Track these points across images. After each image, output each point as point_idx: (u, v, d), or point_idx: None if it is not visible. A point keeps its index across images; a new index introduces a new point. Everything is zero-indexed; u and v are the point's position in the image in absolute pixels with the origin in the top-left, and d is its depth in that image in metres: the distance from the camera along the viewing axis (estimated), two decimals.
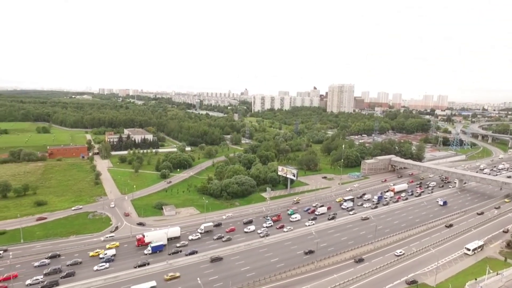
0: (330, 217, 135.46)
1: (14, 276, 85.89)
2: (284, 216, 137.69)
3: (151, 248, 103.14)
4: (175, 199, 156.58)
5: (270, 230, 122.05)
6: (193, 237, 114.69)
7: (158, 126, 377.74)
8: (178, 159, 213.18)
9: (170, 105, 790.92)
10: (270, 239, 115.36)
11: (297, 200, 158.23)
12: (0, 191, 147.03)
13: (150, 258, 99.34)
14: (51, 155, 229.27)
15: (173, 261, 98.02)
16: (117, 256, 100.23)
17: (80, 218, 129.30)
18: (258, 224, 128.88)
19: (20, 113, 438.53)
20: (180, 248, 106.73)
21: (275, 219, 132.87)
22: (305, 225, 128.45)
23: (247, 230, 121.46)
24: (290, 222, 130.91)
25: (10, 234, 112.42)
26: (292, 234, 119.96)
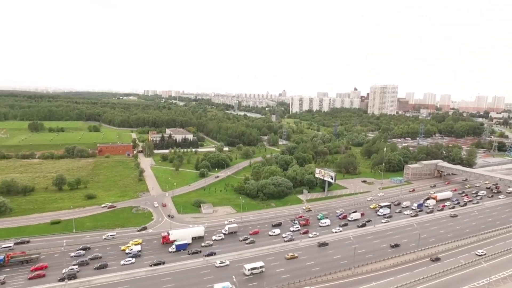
0: (360, 224, 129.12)
1: (44, 267, 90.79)
2: (314, 220, 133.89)
3: (176, 246, 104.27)
4: (212, 198, 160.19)
5: (295, 235, 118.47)
6: (217, 237, 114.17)
7: (198, 126, 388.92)
8: (216, 159, 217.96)
9: (210, 106, 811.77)
10: (293, 244, 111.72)
11: (307, 208, 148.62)
12: (57, 184, 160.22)
13: (172, 256, 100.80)
14: (100, 152, 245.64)
15: (191, 262, 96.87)
16: (142, 252, 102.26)
17: (125, 212, 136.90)
18: (287, 227, 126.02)
19: (74, 113, 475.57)
20: (204, 248, 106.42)
21: (303, 223, 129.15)
22: (331, 231, 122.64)
23: (272, 234, 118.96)
24: (319, 227, 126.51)
25: (64, 223, 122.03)
26: (317, 240, 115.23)
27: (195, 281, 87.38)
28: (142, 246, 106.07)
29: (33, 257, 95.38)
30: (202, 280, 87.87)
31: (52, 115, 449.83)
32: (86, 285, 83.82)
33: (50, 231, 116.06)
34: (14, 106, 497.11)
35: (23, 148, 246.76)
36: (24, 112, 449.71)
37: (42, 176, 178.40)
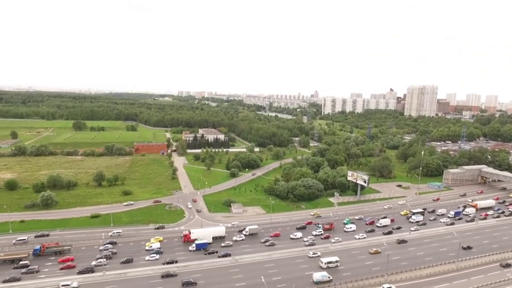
0: (386, 232, 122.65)
1: (70, 259, 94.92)
2: (339, 225, 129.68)
3: (196, 245, 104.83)
4: (242, 198, 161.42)
5: (317, 239, 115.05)
6: (238, 238, 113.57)
7: (229, 126, 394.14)
8: (247, 159, 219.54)
9: (241, 107, 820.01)
10: (311, 248, 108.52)
11: (315, 214, 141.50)
12: (97, 180, 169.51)
13: (192, 255, 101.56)
14: (137, 151, 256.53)
15: (201, 262, 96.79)
16: (162, 249, 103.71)
17: (158, 209, 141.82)
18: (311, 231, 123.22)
19: (114, 113, 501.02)
20: (223, 248, 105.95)
21: (327, 227, 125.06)
22: (354, 237, 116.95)
23: (293, 237, 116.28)
24: (343, 232, 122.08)
25: (103, 217, 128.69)
26: (339, 246, 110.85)
27: (218, 280, 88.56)
28: (164, 244, 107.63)
29: (65, 248, 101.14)
30: (230, 279, 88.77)
31: (94, 115, 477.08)
32: (116, 278, 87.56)
33: (90, 224, 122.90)
34: (61, 107, 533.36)
35: (67, 146, 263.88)
36: (69, 112, 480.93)
37: (84, 172, 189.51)
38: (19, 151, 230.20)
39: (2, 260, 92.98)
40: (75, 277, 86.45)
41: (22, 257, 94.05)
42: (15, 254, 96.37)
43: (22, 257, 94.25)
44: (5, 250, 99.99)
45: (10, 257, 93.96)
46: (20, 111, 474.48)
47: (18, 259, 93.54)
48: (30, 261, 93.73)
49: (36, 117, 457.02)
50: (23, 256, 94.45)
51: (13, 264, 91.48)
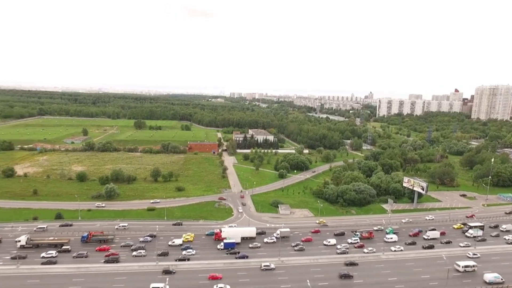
0: (426, 246, 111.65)
1: (107, 248, 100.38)
2: (380, 234, 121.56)
3: (224, 244, 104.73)
4: (290, 199, 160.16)
5: (350, 248, 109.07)
6: (268, 240, 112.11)
7: (279, 127, 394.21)
8: (295, 161, 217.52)
9: (291, 108, 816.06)
10: (344, 257, 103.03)
11: (321, 222, 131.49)
12: (153, 176, 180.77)
13: (217, 253, 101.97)
14: (190, 149, 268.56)
15: (215, 262, 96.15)
16: (194, 246, 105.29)
17: (208, 206, 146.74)
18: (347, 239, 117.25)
19: (170, 113, 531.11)
20: (250, 249, 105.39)
21: (365, 235, 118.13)
22: (390, 249, 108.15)
23: (327, 243, 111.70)
24: (383, 242, 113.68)
25: (158, 211, 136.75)
26: (371, 257, 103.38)
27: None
28: (195, 241, 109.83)
29: (109, 237, 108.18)
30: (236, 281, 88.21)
31: (153, 115, 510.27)
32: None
33: (146, 217, 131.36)
34: (124, 107, 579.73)
35: (129, 143, 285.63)
36: (132, 112, 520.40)
37: (142, 168, 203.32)
38: (88, 146, 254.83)
39: (47, 243, 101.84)
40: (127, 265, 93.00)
41: (64, 243, 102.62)
42: (59, 239, 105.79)
43: (64, 242, 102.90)
44: (59, 235, 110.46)
45: (54, 242, 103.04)
46: (90, 110, 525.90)
47: (60, 244, 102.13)
48: (71, 246, 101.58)
49: (104, 116, 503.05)
50: (65, 242, 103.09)
51: (56, 248, 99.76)
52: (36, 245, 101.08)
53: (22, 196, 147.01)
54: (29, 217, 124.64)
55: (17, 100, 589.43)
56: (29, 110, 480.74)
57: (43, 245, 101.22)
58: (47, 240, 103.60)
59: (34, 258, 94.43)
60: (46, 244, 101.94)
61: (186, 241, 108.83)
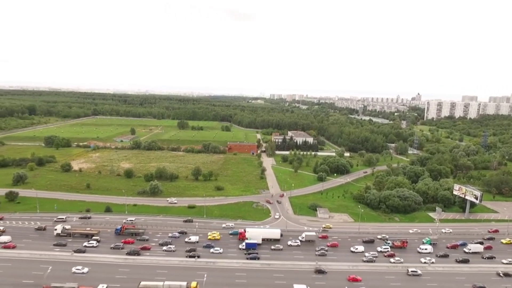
0: (460, 260, 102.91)
1: (131, 242, 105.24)
2: (415, 243, 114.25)
3: (245, 244, 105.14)
4: (329, 203, 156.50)
5: (380, 256, 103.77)
6: (292, 243, 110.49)
7: (319, 130, 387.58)
8: (335, 164, 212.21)
9: (332, 110, 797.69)
10: (368, 265, 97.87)
11: (327, 227, 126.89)
12: (194, 175, 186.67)
13: (236, 253, 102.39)
14: (230, 150, 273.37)
15: (216, 260, 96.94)
16: (220, 244, 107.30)
17: (246, 206, 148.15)
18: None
19: (211, 114, 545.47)
20: (272, 250, 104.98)
21: (397, 244, 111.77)
22: (419, 260, 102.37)
23: (354, 250, 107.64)
24: (415, 253, 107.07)
25: (198, 209, 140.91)
26: (400, 267, 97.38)
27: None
28: (221, 239, 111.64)
29: (140, 231, 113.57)
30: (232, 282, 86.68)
31: (195, 115, 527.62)
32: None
33: (187, 213, 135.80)
34: (169, 108, 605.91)
35: (172, 142, 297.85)
36: (175, 113, 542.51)
37: (184, 167, 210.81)
38: (136, 145, 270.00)
39: (79, 234, 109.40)
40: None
41: (94, 233, 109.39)
42: (90, 230, 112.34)
43: (94, 233, 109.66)
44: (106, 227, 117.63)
45: (85, 232, 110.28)
46: (138, 111, 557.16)
47: (91, 234, 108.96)
48: (100, 237, 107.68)
49: (150, 116, 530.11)
50: (95, 233, 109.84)
51: (88, 238, 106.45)
52: (69, 234, 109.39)
53: (76, 189, 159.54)
54: (83, 208, 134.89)
55: (75, 101, 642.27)
56: (84, 111, 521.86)
57: (76, 235, 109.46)
58: (79, 230, 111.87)
59: (71, 247, 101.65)
60: (78, 234, 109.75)
61: (213, 239, 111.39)
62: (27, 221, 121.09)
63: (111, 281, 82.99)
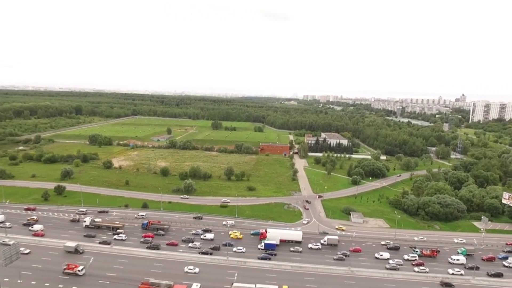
0: (492, 273, 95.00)
1: (151, 236, 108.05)
2: (447, 252, 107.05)
3: (264, 244, 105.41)
4: (363, 207, 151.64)
5: (406, 264, 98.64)
6: (313, 246, 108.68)
7: (353, 131, 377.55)
8: (371, 167, 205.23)
9: (368, 111, 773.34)
10: (388, 273, 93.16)
11: (340, 228, 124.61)
12: (227, 174, 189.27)
13: (257, 253, 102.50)
14: (262, 150, 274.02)
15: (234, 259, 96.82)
16: (241, 243, 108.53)
17: (278, 207, 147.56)
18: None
19: (244, 115, 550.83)
20: (291, 252, 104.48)
21: (427, 253, 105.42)
22: (447, 271, 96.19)
23: (378, 256, 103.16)
24: (446, 263, 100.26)
25: (230, 208, 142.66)
26: (424, 277, 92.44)
27: None
28: (243, 238, 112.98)
29: (165, 227, 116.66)
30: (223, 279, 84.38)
31: (228, 116, 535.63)
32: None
33: (219, 212, 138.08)
34: (203, 108, 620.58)
35: (206, 142, 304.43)
36: (209, 113, 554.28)
37: (217, 167, 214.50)
38: (171, 144, 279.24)
39: (106, 226, 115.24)
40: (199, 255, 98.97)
41: (119, 227, 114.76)
42: (115, 223, 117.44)
43: (119, 226, 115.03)
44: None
45: (111, 225, 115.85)
46: (174, 111, 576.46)
47: (116, 227, 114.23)
48: (125, 230, 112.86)
49: (185, 116, 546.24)
50: (119, 226, 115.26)
51: (113, 231, 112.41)
52: (97, 226, 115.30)
53: (116, 185, 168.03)
54: (122, 204, 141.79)
55: (116, 102, 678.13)
56: (125, 111, 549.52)
57: (102, 227, 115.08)
58: (106, 223, 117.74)
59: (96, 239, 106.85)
60: (105, 226, 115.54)
61: (235, 238, 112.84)
62: (61, 213, 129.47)
63: (147, 275, 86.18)
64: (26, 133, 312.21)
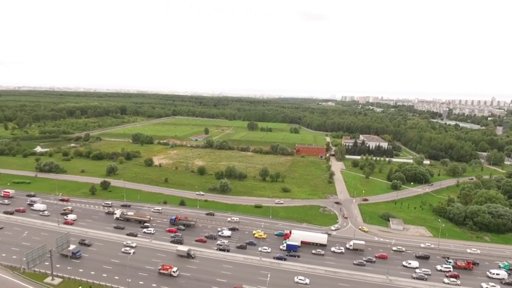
0: None
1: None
2: (486, 266, 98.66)
3: (286, 245, 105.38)
4: (404, 214, 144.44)
5: (437, 275, 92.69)
6: (336, 250, 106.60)
7: (394, 134, 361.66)
8: (413, 172, 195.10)
9: (411, 113, 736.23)
10: (414, 282, 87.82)
11: (362, 229, 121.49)
12: (262, 175, 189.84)
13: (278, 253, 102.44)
14: (297, 152, 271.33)
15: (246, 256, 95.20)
16: (266, 243, 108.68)
17: (313, 210, 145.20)
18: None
19: (280, 116, 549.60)
20: (313, 254, 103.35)
21: (461, 265, 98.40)
22: (480, 286, 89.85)
23: (406, 265, 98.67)
24: (484, 277, 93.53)
25: (264, 209, 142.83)
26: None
27: None
28: (268, 238, 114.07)
29: (191, 223, 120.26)
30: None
31: (264, 117, 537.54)
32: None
33: (253, 213, 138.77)
34: (240, 109, 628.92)
35: (242, 143, 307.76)
36: (246, 114, 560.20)
37: (252, 167, 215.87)
38: (208, 144, 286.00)
39: (134, 219, 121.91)
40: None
41: (147, 220, 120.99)
42: (143, 217, 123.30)
43: (147, 220, 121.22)
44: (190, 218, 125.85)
45: (139, 218, 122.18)
46: (212, 112, 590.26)
47: (143, 221, 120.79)
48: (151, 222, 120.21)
49: (222, 117, 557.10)
50: (147, 219, 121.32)
51: (140, 224, 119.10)
52: (126, 219, 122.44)
53: (156, 182, 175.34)
54: (161, 200, 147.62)
55: (158, 103, 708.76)
56: (165, 111, 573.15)
57: (131, 220, 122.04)
58: (134, 216, 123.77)
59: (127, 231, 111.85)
60: (133, 219, 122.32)
61: (259, 237, 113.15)
62: (97, 206, 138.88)
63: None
64: (77, 131, 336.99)
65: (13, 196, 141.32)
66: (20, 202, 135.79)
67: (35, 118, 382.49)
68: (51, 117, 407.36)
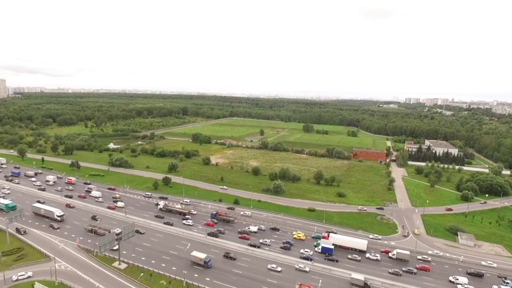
0: None
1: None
2: None
3: (321, 248, 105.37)
4: (476, 229, 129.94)
5: None
6: (371, 257, 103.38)
7: (467, 140, 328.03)
8: (488, 182, 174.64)
9: (489, 117, 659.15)
10: None
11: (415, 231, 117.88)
12: (316, 178, 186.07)
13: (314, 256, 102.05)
14: (355, 156, 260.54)
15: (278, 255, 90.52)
16: (304, 245, 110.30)
17: (370, 217, 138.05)
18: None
19: (338, 118, 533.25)
20: (346, 259, 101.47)
21: None
22: None
23: (453, 280, 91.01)
24: None
25: (317, 213, 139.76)
26: None
27: None
28: (306, 239, 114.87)
29: (230, 219, 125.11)
30: None
31: (321, 119, 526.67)
32: None
33: (306, 216, 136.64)
34: (295, 111, 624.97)
35: (296, 145, 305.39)
36: (301, 116, 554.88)
37: (307, 170, 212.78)
38: (263, 145, 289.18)
39: (178, 212, 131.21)
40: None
41: (188, 213, 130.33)
42: (183, 210, 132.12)
43: (188, 212, 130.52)
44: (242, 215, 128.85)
45: (180, 210, 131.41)
46: (267, 113, 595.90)
47: (184, 213, 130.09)
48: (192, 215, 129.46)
49: (277, 119, 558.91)
50: (188, 212, 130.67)
51: (182, 216, 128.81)
52: (169, 210, 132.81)
53: (213, 180, 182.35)
54: (216, 198, 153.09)
55: (216, 104, 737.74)
56: (223, 112, 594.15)
57: (173, 211, 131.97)
58: (176, 208, 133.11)
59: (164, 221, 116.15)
60: (175, 211, 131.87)
61: (298, 239, 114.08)
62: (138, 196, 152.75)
63: None
64: (144, 130, 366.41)
65: (75, 183, 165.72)
66: (79, 188, 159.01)
67: (110, 118, 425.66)
68: (123, 117, 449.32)
